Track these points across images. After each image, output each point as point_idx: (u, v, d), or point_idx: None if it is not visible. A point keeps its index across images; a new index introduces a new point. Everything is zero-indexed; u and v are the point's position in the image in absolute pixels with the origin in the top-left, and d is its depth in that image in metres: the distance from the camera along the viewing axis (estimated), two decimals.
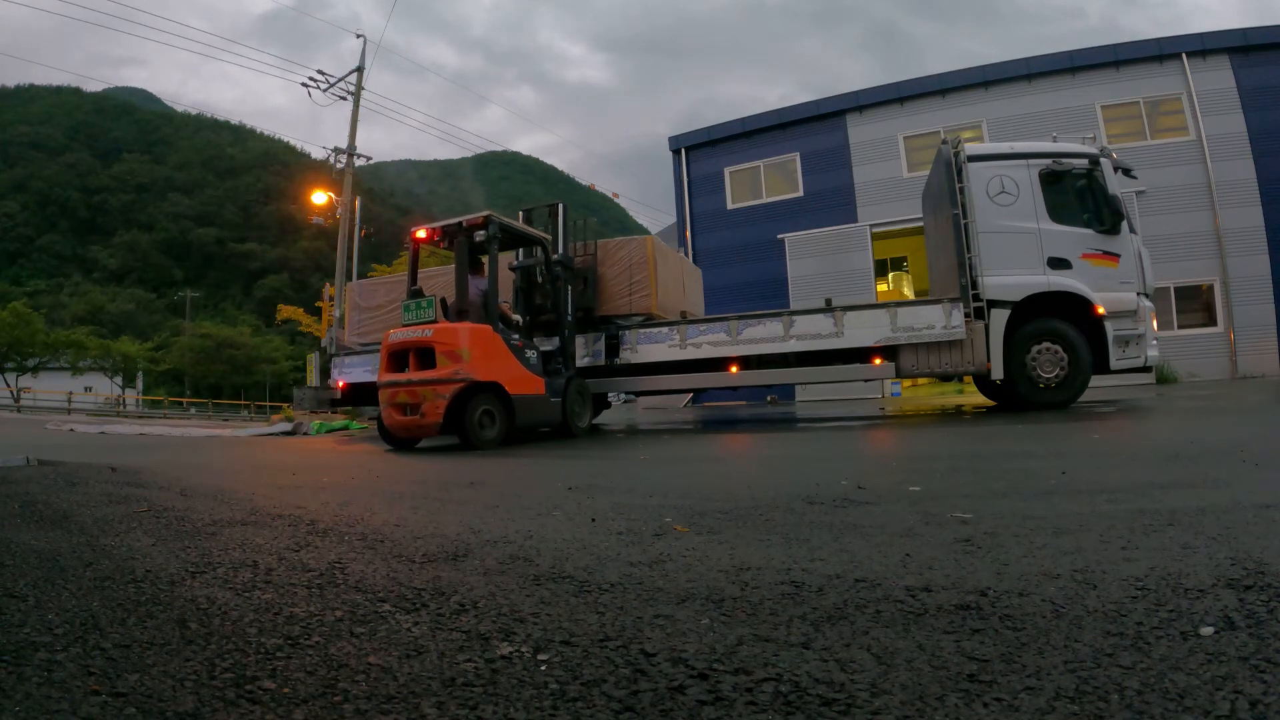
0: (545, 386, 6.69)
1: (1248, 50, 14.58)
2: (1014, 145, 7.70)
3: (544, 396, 6.66)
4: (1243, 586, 1.24)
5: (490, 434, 6.03)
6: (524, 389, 6.41)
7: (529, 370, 6.56)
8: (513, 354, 6.41)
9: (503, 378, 6.22)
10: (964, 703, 0.86)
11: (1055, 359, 6.89)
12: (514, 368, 6.38)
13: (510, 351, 6.39)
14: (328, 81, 18.33)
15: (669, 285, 8.43)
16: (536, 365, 6.71)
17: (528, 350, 6.69)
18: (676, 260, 9.27)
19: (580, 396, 7.37)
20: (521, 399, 6.35)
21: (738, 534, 1.92)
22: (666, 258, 8.68)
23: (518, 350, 6.50)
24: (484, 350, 6.14)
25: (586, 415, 7.48)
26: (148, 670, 1.04)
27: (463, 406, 5.88)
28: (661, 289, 8.13)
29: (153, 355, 48.09)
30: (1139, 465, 3.06)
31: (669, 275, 8.52)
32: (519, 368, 6.44)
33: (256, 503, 2.76)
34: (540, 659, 1.06)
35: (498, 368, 6.20)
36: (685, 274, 9.44)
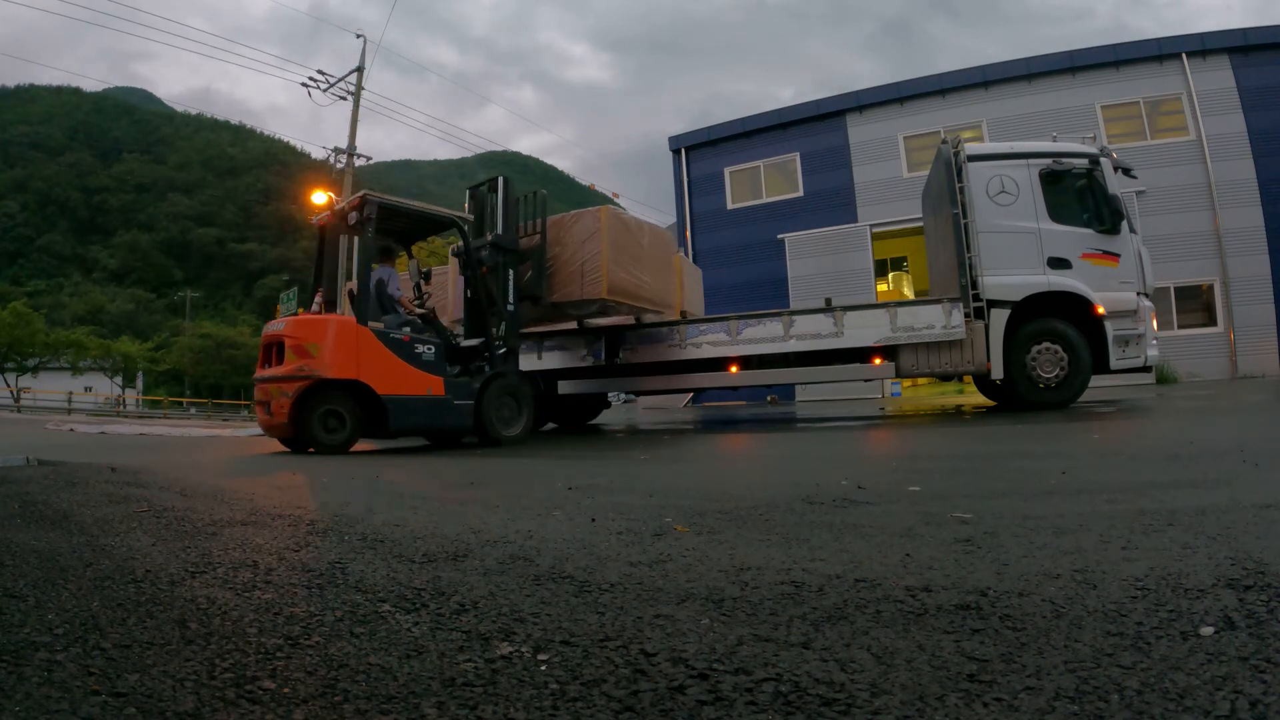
0: (446, 387, 6.01)
1: (1248, 50, 14.59)
2: (1014, 145, 7.71)
3: (441, 398, 5.96)
4: (1243, 586, 1.24)
5: (336, 438, 5.60)
6: (404, 389, 5.78)
7: (418, 368, 5.89)
8: (391, 349, 5.81)
9: (370, 375, 5.65)
10: (964, 703, 0.86)
11: (1055, 359, 6.89)
12: (389, 365, 5.76)
13: (386, 346, 5.79)
14: (328, 81, 18.35)
15: (630, 265, 7.11)
16: (433, 362, 6.01)
17: (420, 345, 6.00)
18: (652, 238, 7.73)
19: (509, 399, 6.38)
20: (398, 400, 5.73)
21: (738, 534, 1.92)
22: (628, 233, 7.29)
23: (401, 345, 5.89)
24: (340, 345, 5.62)
25: (520, 421, 6.42)
26: (148, 670, 1.04)
27: (307, 405, 5.54)
28: (616, 268, 6.87)
29: (153, 355, 48.07)
30: (1139, 465, 3.06)
31: (631, 253, 7.17)
32: (398, 365, 5.80)
33: (256, 503, 2.76)
34: (540, 659, 1.06)
35: (363, 364, 5.63)
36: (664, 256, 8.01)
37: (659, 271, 7.72)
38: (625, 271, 7.01)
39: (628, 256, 7.11)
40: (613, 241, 6.88)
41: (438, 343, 6.14)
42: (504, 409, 6.34)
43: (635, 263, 7.22)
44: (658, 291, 7.66)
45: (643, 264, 7.36)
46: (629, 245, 7.17)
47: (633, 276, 7.14)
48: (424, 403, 5.88)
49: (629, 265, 7.09)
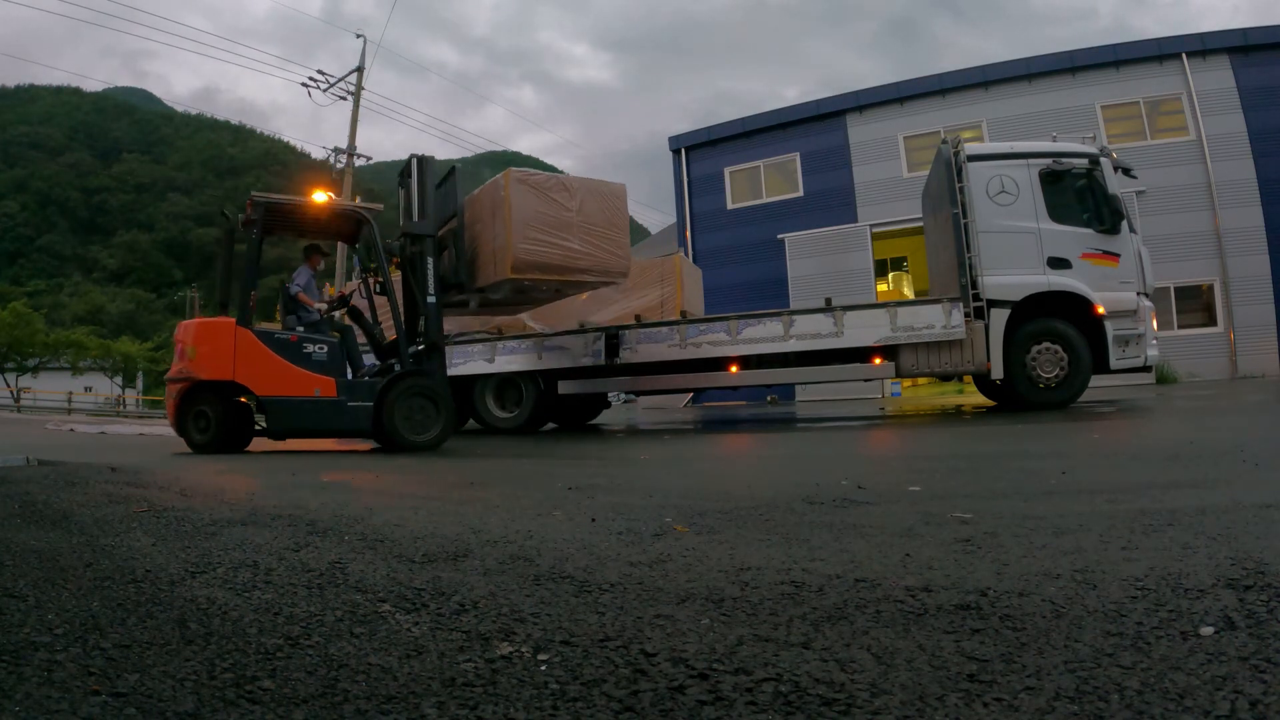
0: (338, 388, 5.79)
1: (1248, 50, 14.58)
2: (1014, 145, 7.71)
3: (331, 400, 5.73)
4: (1243, 586, 1.24)
5: (203, 438, 5.67)
6: (287, 389, 5.67)
7: (305, 368, 5.74)
8: (274, 350, 5.70)
9: (248, 376, 5.61)
10: (964, 703, 0.86)
11: (1055, 359, 6.89)
12: (271, 365, 5.65)
13: (269, 347, 5.70)
14: (328, 81, 18.36)
15: (548, 233, 6.25)
16: (324, 362, 5.84)
17: (310, 345, 5.84)
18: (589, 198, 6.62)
19: (422, 401, 5.85)
20: (280, 401, 5.67)
21: (738, 534, 1.92)
22: (543, 196, 6.35)
23: (286, 346, 5.77)
24: (216, 346, 5.65)
25: (437, 426, 5.85)
26: (148, 670, 1.04)
27: (188, 406, 5.67)
28: (524, 241, 6.10)
29: (153, 355, 48.05)
30: (1139, 465, 3.06)
31: (550, 220, 6.29)
32: (282, 365, 5.67)
33: (256, 503, 2.76)
34: (540, 659, 1.06)
35: (240, 365, 5.60)
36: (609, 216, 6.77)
37: (601, 234, 6.65)
38: (538, 243, 6.19)
39: (544, 224, 6.25)
40: (520, 210, 6.15)
41: (331, 342, 5.95)
42: (416, 412, 5.81)
43: (558, 230, 6.33)
44: (598, 258, 6.61)
45: (570, 229, 6.41)
46: (546, 211, 6.30)
47: (552, 246, 6.27)
48: (310, 404, 5.71)
49: (547, 234, 6.25)
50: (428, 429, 5.79)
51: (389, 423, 5.67)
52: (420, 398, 5.84)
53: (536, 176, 6.49)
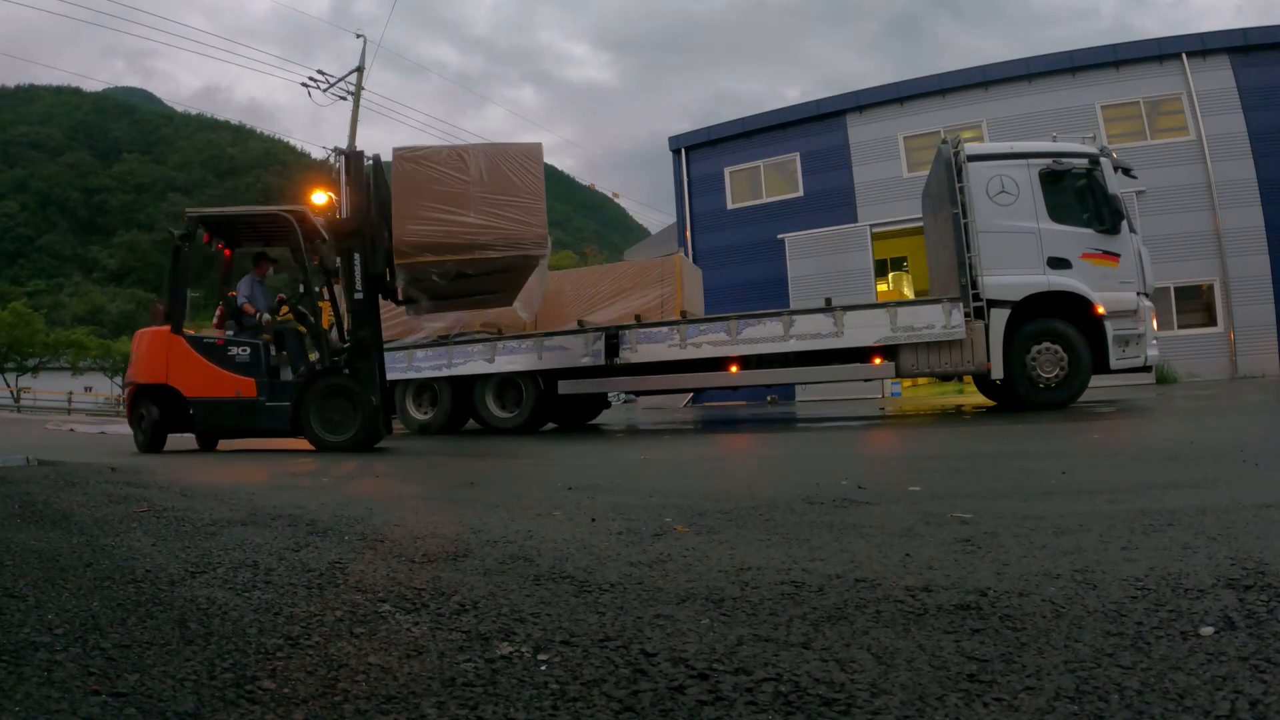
0: (258, 388, 6.00)
1: (1248, 50, 14.58)
2: (1014, 145, 7.70)
3: (251, 400, 5.96)
4: (1243, 586, 1.24)
5: (144, 438, 6.19)
6: (211, 391, 6.01)
7: (229, 370, 6.04)
8: (202, 354, 6.08)
9: (178, 379, 6.04)
10: (964, 703, 0.86)
11: (1055, 359, 6.89)
12: (198, 369, 6.03)
13: (197, 352, 6.08)
14: (328, 81, 18.35)
15: (437, 209, 5.80)
16: (246, 364, 6.07)
17: (234, 348, 6.13)
18: (495, 165, 6.03)
19: (339, 400, 5.83)
20: (204, 402, 6.02)
21: (738, 534, 1.92)
22: (432, 170, 5.90)
23: (212, 350, 6.12)
24: (152, 352, 6.17)
25: (352, 424, 5.78)
26: (148, 670, 1.04)
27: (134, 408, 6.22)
28: (407, 221, 5.77)
29: None
30: (1139, 465, 3.06)
31: (440, 194, 5.83)
32: (207, 368, 6.03)
33: (256, 503, 2.76)
34: (540, 659, 1.06)
35: (172, 370, 6.06)
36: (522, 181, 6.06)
37: (509, 203, 5.95)
38: (425, 221, 5.79)
39: (434, 200, 5.83)
40: (403, 190, 5.85)
41: (255, 344, 6.18)
42: (333, 411, 5.83)
43: (449, 204, 5.82)
44: (502, 230, 5.90)
45: (465, 202, 5.84)
46: (434, 187, 5.84)
47: (440, 224, 5.79)
48: (232, 404, 6.00)
49: (436, 211, 5.80)
50: (345, 429, 5.79)
51: (305, 422, 5.82)
52: (338, 397, 5.86)
53: (422, 151, 6.02)
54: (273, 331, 6.32)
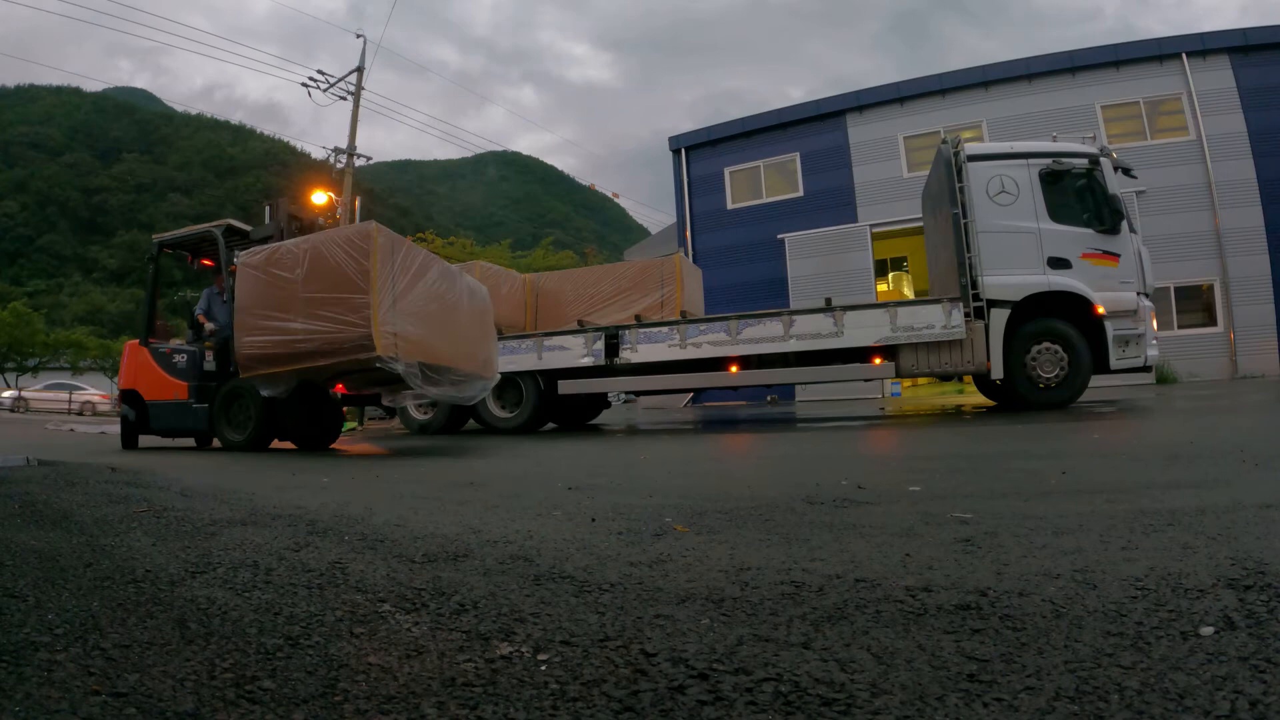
0: (189, 392, 6.59)
1: (1247, 50, 14.58)
2: (1014, 145, 7.71)
3: (184, 403, 6.58)
4: (1243, 586, 1.24)
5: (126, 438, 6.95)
6: (160, 395, 6.73)
7: (173, 376, 6.73)
8: (156, 362, 6.82)
9: (141, 385, 6.85)
10: (964, 703, 0.86)
11: (1055, 359, 6.89)
12: (153, 375, 6.78)
13: (154, 359, 6.84)
14: (328, 81, 18.35)
15: (269, 319, 5.36)
16: (183, 369, 6.73)
17: (177, 355, 6.84)
18: (325, 255, 5.25)
19: (241, 402, 6.14)
20: (155, 405, 6.75)
21: (738, 534, 1.91)
22: (268, 275, 5.45)
23: (163, 357, 6.84)
24: (128, 361, 7.04)
25: (247, 427, 6.10)
26: (148, 670, 1.04)
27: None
28: (249, 334, 5.47)
29: None
30: (1139, 465, 3.06)
31: (270, 303, 5.39)
32: (159, 374, 6.76)
33: (256, 503, 2.76)
34: (540, 659, 1.06)
35: (139, 376, 6.88)
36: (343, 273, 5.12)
37: (333, 300, 5.14)
38: (260, 331, 5.40)
39: (266, 308, 5.40)
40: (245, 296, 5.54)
41: (191, 351, 6.81)
42: (238, 413, 6.23)
43: (277, 311, 5.35)
44: (324, 334, 5.18)
45: (291, 306, 5.29)
46: (267, 293, 5.41)
47: (272, 334, 5.35)
48: (173, 406, 6.65)
49: (268, 319, 5.38)
50: (244, 430, 6.20)
51: (217, 422, 6.32)
52: (239, 399, 6.24)
53: (259, 255, 5.56)
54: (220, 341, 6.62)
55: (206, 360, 6.79)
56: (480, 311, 6.50)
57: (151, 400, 6.76)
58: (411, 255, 5.50)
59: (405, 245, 5.51)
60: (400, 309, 5.23)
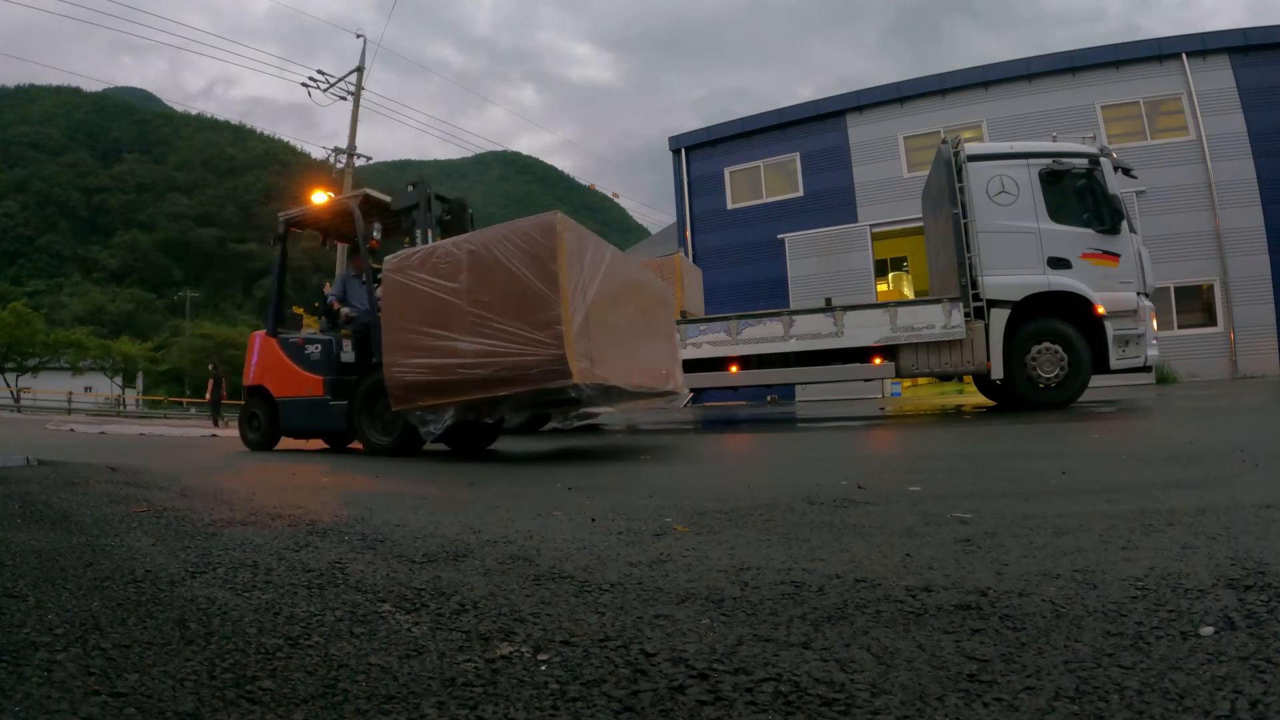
0: (325, 386, 5.71)
1: (1248, 50, 14.59)
2: (1014, 145, 7.71)
3: (318, 399, 5.70)
4: (1243, 586, 1.24)
5: (254, 437, 6.21)
6: (290, 391, 5.93)
7: (304, 369, 5.87)
8: (285, 353, 6.01)
9: (269, 380, 6.06)
10: (964, 703, 0.86)
11: (1055, 359, 6.89)
12: (283, 369, 5.97)
13: (283, 351, 6.03)
14: (328, 81, 18.34)
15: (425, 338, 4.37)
16: (317, 362, 5.84)
17: (309, 346, 5.95)
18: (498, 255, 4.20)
19: (383, 398, 4.86)
20: (286, 402, 5.96)
21: (738, 534, 1.91)
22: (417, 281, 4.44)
23: (294, 348, 6.00)
24: (256, 353, 6.26)
25: (396, 427, 5.03)
26: (148, 670, 1.04)
27: (248, 409, 6.30)
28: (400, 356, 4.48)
29: (153, 355, 48.06)
30: (1139, 465, 3.06)
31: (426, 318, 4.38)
32: (289, 368, 5.94)
33: (256, 503, 2.76)
34: (540, 659, 1.06)
35: (266, 371, 6.11)
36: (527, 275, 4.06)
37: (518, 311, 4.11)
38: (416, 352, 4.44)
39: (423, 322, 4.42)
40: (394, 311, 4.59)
41: (326, 340, 5.93)
42: (385, 411, 4.99)
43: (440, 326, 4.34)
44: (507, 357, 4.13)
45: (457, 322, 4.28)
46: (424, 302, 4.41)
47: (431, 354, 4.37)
48: (305, 404, 5.84)
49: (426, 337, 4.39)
50: (390, 430, 5.12)
51: (356, 422, 5.33)
52: (371, 397, 5.20)
53: (411, 258, 4.55)
54: (358, 327, 5.81)
55: (344, 350, 5.93)
56: (659, 305, 5.54)
57: (281, 397, 5.96)
58: (599, 251, 4.48)
59: (592, 240, 4.45)
60: (592, 320, 4.17)
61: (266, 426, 6.12)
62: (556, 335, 3.96)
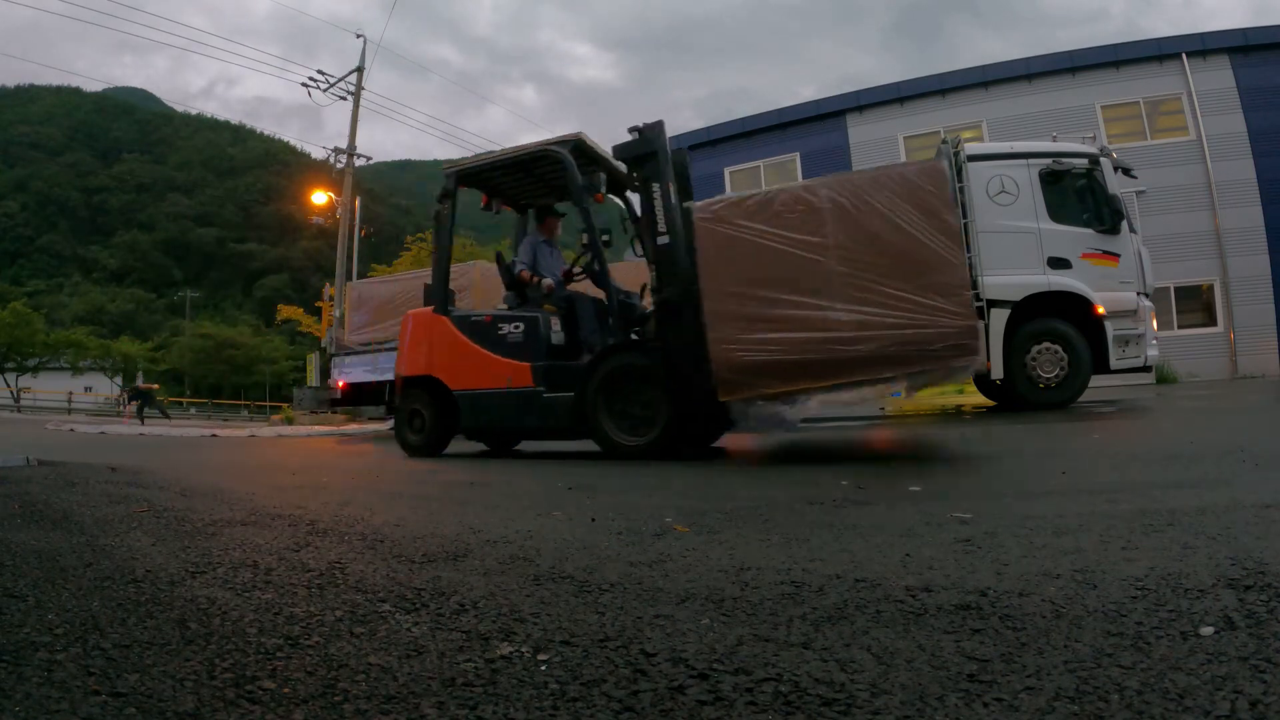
0: (534, 375, 4.64)
1: (1248, 50, 14.60)
2: (1014, 145, 7.71)
3: (523, 390, 4.63)
4: (1243, 586, 1.24)
5: (415, 439, 5.16)
6: (479, 382, 4.80)
7: (497, 354, 4.77)
8: (468, 335, 4.89)
9: (442, 369, 4.93)
10: (964, 703, 0.86)
11: (1055, 359, 6.89)
12: (464, 354, 4.87)
13: (463, 333, 4.91)
14: (328, 81, 18.35)
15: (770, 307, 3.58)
16: (519, 345, 4.74)
17: (505, 326, 4.82)
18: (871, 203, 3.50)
19: (639, 387, 4.25)
20: (471, 396, 4.82)
21: (738, 534, 1.91)
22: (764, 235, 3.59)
23: (481, 329, 4.87)
24: (415, 339, 5.13)
25: (656, 424, 4.21)
26: (148, 670, 1.04)
27: (404, 405, 5.25)
28: (734, 327, 3.59)
29: (153, 355, 48.10)
30: (1139, 465, 3.06)
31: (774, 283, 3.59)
32: (475, 353, 4.82)
33: (256, 503, 2.76)
34: (540, 659, 1.06)
35: (436, 357, 4.98)
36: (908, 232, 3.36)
37: (902, 272, 3.49)
38: (757, 326, 3.60)
39: (765, 286, 3.60)
40: (715, 280, 3.69)
41: (530, 318, 4.78)
42: (631, 404, 4.28)
43: (793, 291, 3.56)
44: (892, 330, 3.46)
45: (826, 285, 3.52)
46: (765, 260, 3.60)
47: (783, 327, 3.56)
48: (503, 398, 4.70)
49: (771, 304, 3.58)
50: (642, 428, 4.24)
51: (592, 419, 4.35)
52: (636, 382, 4.27)
53: (737, 205, 3.68)
54: (559, 302, 4.97)
55: (554, 330, 4.91)
56: None
57: (464, 390, 4.85)
58: None
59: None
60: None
61: (434, 427, 5.12)
62: (964, 303, 3.40)
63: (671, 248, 4.15)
